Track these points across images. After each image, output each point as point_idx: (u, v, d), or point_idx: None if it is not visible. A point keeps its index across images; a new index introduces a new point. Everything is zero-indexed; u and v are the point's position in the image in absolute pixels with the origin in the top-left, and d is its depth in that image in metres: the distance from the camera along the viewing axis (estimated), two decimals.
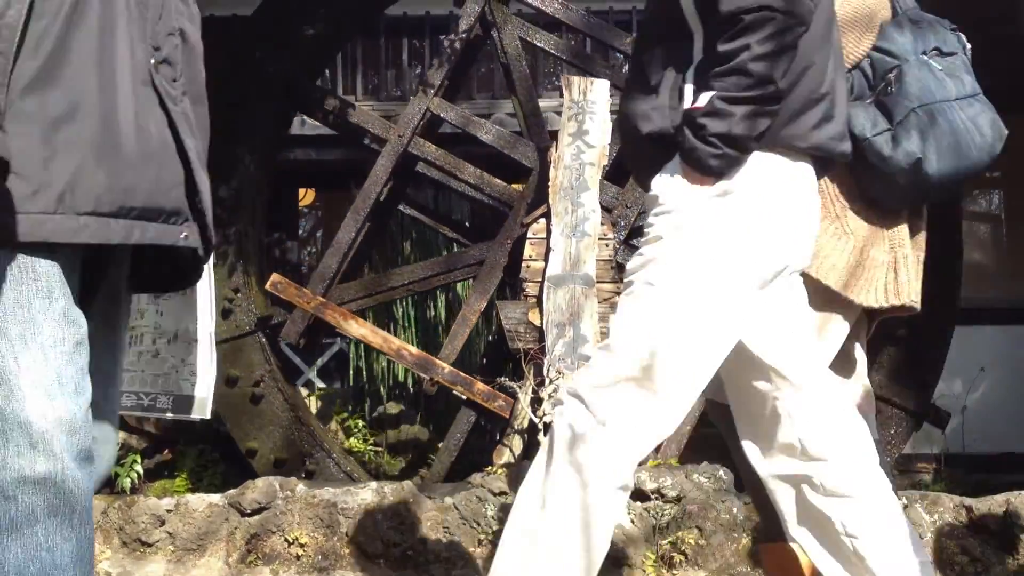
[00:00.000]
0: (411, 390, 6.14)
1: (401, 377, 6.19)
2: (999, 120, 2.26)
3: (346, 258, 4.91)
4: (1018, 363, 6.52)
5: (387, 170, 4.82)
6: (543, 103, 5.63)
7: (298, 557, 3.53)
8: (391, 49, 8.10)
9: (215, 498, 3.69)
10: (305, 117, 6.12)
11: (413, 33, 7.98)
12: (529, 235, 4.53)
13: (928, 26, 2.30)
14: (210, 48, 2.40)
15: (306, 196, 8.53)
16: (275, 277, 4.73)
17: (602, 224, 4.49)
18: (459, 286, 5.97)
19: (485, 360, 5.37)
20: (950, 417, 4.95)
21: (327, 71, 7.05)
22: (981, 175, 4.56)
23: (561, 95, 4.76)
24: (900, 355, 4.79)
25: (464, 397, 4.58)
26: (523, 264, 4.51)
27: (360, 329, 4.71)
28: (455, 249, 5.68)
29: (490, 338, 5.94)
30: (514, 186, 4.98)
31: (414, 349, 4.79)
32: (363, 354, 6.24)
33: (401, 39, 8.01)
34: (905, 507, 3.37)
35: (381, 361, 6.11)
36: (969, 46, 2.35)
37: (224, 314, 4.73)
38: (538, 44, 4.99)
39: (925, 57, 2.24)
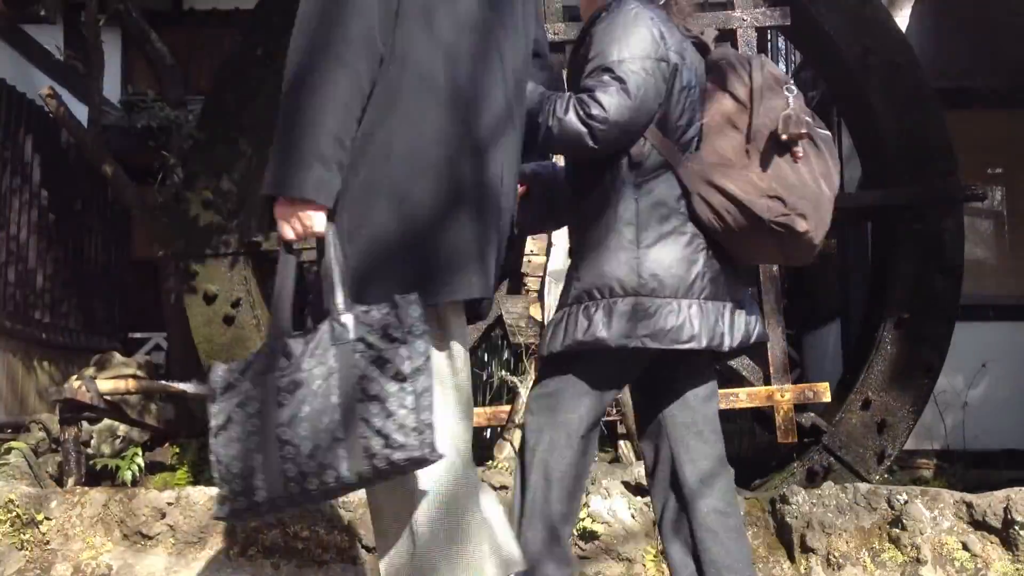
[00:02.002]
0: None
1: None
2: None
3: None
4: (1019, 359, 6.52)
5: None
6: None
7: (299, 550, 3.53)
8: None
9: (216, 491, 3.66)
10: None
11: None
12: None
13: None
14: (213, 42, 2.41)
15: None
16: None
17: None
18: None
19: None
20: None
21: None
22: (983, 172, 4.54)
23: None
24: None
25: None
26: (524, 259, 4.50)
27: None
28: None
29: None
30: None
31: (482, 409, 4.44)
32: None
33: None
34: (905, 503, 3.37)
35: None
36: None
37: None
38: None
39: None
